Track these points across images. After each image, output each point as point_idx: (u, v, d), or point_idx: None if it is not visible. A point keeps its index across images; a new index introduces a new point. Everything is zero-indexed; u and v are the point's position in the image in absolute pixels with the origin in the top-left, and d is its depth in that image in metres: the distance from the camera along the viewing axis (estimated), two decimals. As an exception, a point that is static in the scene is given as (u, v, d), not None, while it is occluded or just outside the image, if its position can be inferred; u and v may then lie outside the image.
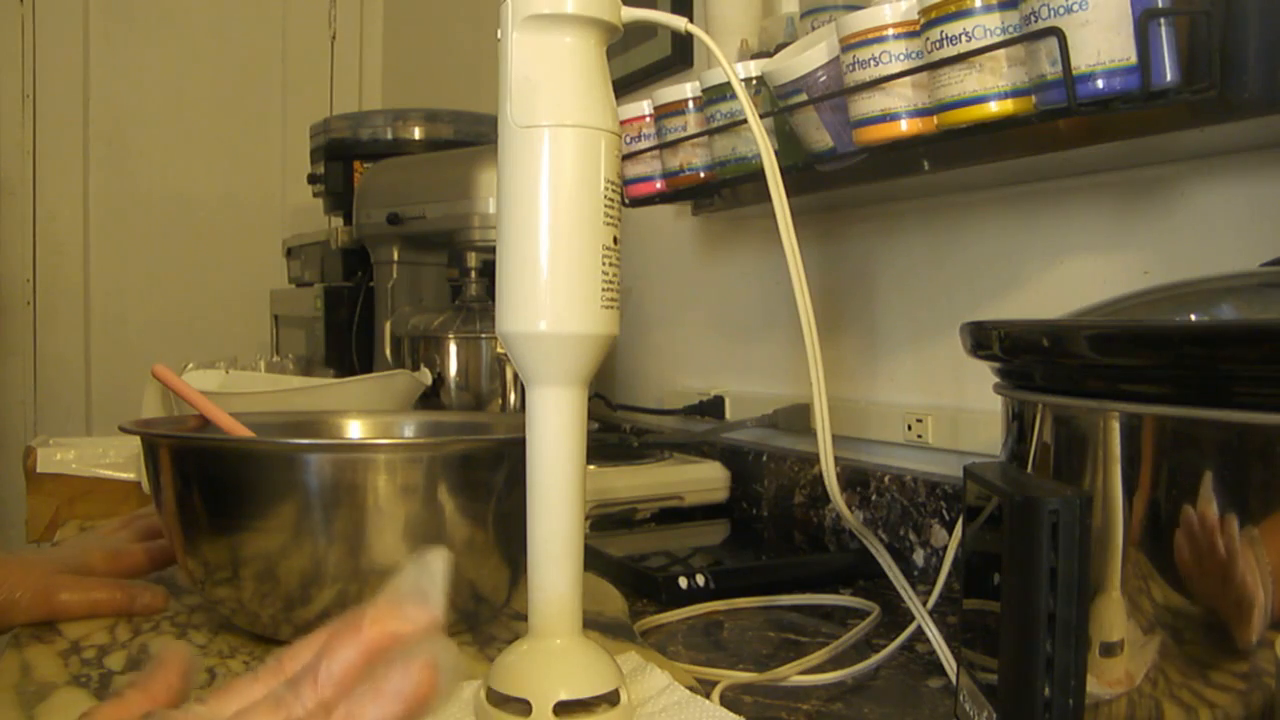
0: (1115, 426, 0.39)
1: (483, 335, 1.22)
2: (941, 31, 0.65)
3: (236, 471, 0.64)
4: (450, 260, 1.44)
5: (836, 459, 0.64)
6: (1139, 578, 0.38)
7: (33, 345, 2.31)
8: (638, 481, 1.05)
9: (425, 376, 1.14)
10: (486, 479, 0.65)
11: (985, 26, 0.64)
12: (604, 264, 0.51)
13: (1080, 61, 0.59)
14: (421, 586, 0.36)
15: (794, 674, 0.64)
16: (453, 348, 1.23)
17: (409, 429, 0.86)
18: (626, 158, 0.98)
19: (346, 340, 1.51)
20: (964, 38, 0.64)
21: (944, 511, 0.87)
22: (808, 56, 0.76)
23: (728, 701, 0.59)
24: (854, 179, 0.88)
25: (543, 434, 0.52)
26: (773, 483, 1.06)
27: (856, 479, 0.95)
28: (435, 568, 0.36)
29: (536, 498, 0.52)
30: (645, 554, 0.89)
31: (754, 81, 0.84)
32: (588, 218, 0.51)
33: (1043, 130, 0.70)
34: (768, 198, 0.58)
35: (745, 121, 0.66)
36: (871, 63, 0.70)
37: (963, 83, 0.65)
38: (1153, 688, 0.38)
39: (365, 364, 1.49)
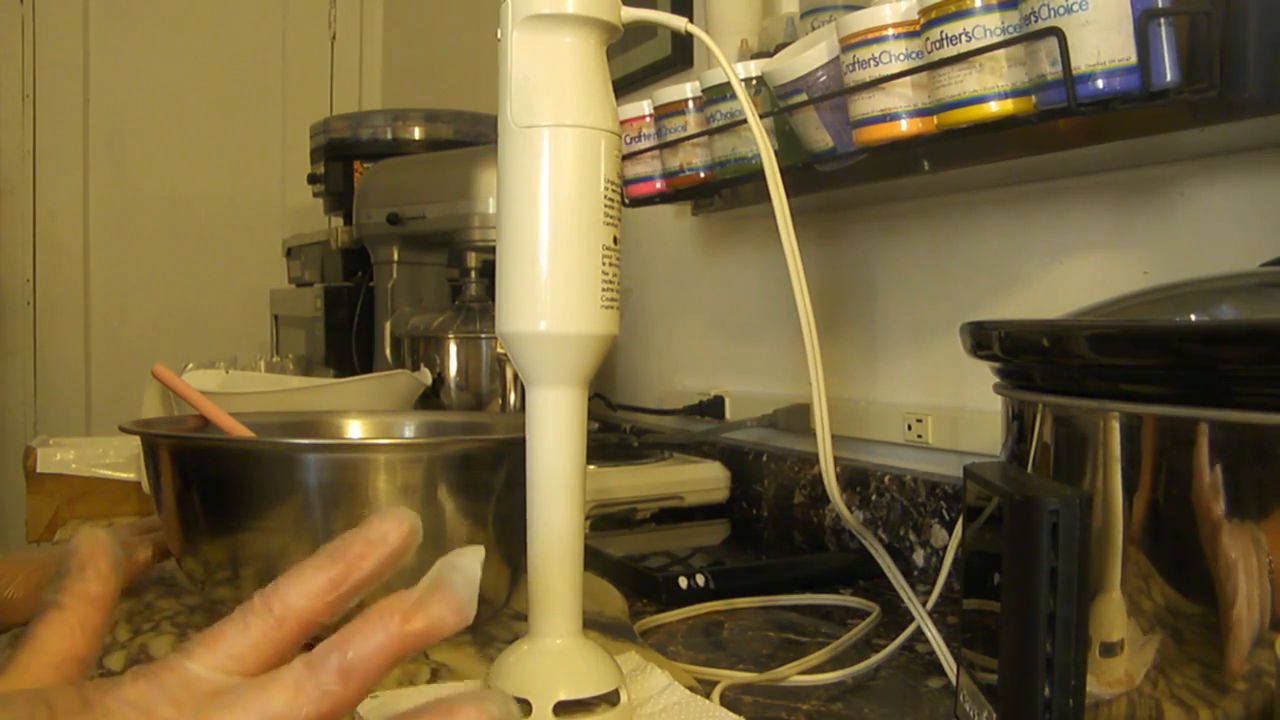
0: (1115, 426, 0.39)
1: (483, 335, 1.22)
2: (941, 31, 0.65)
3: (236, 471, 0.64)
4: (450, 260, 1.44)
5: (836, 459, 0.64)
6: (1139, 578, 0.38)
7: (33, 345, 2.31)
8: (638, 481, 1.05)
9: (425, 376, 1.14)
10: (486, 479, 0.65)
11: (985, 26, 0.64)
12: (604, 264, 0.51)
13: (1080, 61, 0.59)
14: (455, 585, 0.35)
15: (794, 674, 0.64)
16: (453, 348, 1.23)
17: (409, 429, 0.86)
18: (626, 158, 0.98)
19: (346, 340, 1.51)
20: (964, 38, 0.64)
21: (944, 511, 0.87)
22: (808, 56, 0.76)
23: (728, 701, 0.59)
24: (854, 179, 0.88)
25: (543, 434, 0.52)
26: (773, 483, 1.06)
27: (856, 479, 0.95)
28: (470, 568, 0.35)
29: (536, 498, 0.52)
30: (645, 554, 0.89)
31: (754, 81, 0.84)
32: (588, 218, 0.51)
33: (1043, 130, 0.70)
34: (768, 198, 0.58)
35: (745, 121, 0.66)
36: (871, 63, 0.70)
37: (963, 83, 0.65)
38: (1153, 688, 0.38)
39: (365, 364, 1.49)
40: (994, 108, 0.65)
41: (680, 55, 1.32)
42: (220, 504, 0.64)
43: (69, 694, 0.32)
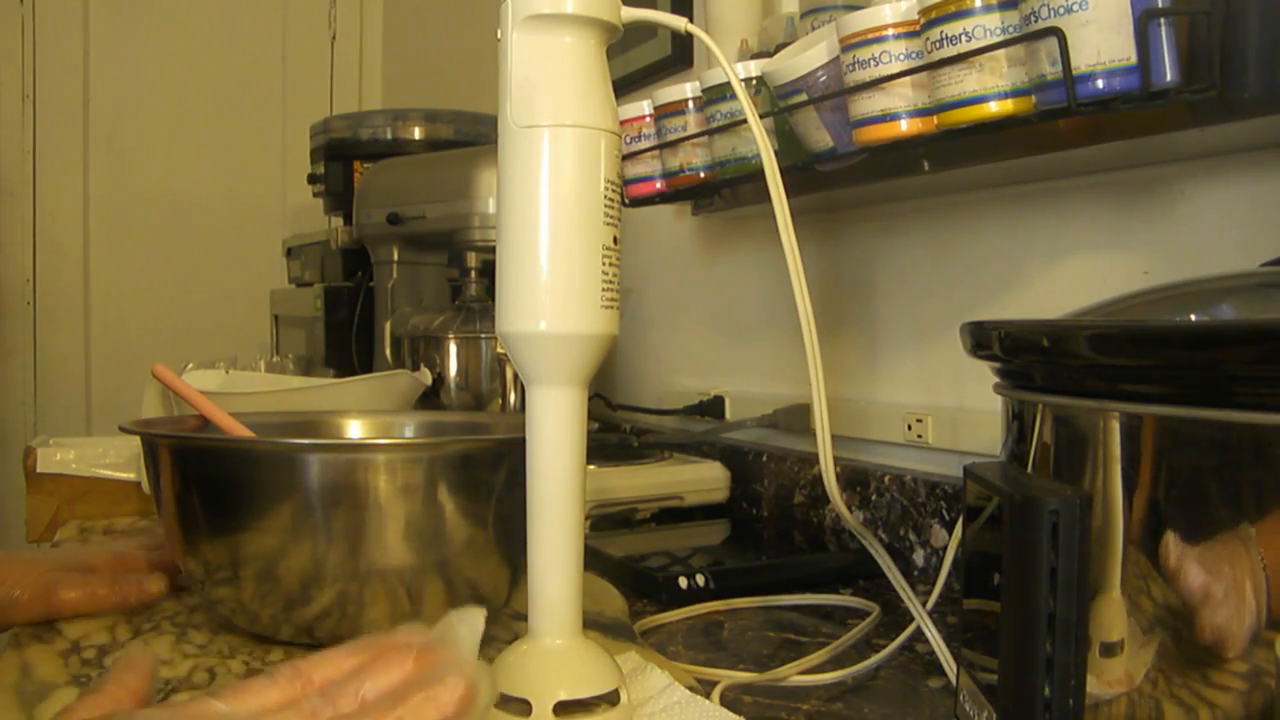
0: (1115, 426, 0.39)
1: (483, 335, 1.22)
2: (941, 31, 0.65)
3: (236, 471, 0.64)
4: (450, 260, 1.44)
5: (836, 459, 0.64)
6: (1139, 578, 0.38)
7: (33, 345, 2.31)
8: (638, 481, 1.05)
9: (425, 376, 1.14)
10: (486, 479, 0.65)
11: (985, 26, 0.64)
12: (604, 264, 0.51)
13: (1080, 61, 0.59)
14: (461, 637, 0.40)
15: (794, 674, 0.64)
16: (453, 348, 1.23)
17: (409, 429, 0.86)
18: (626, 158, 0.98)
19: (346, 340, 1.51)
20: (964, 38, 0.64)
21: (944, 511, 0.87)
22: (808, 56, 0.76)
23: (728, 701, 0.59)
24: (854, 179, 0.88)
25: (543, 434, 0.52)
26: (773, 483, 1.06)
27: (856, 479, 0.95)
28: (476, 624, 0.41)
29: (536, 498, 0.52)
30: (645, 554, 0.89)
31: (754, 81, 0.84)
32: (588, 218, 0.51)
33: (1043, 130, 0.70)
34: (768, 198, 0.58)
35: (745, 121, 0.65)
36: (871, 63, 0.70)
37: (963, 83, 0.65)
38: (1153, 688, 0.38)
39: (365, 364, 1.49)
40: (994, 108, 0.65)
41: (680, 55, 1.32)
42: (220, 504, 0.64)
43: None
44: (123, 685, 0.41)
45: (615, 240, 0.52)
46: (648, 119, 0.97)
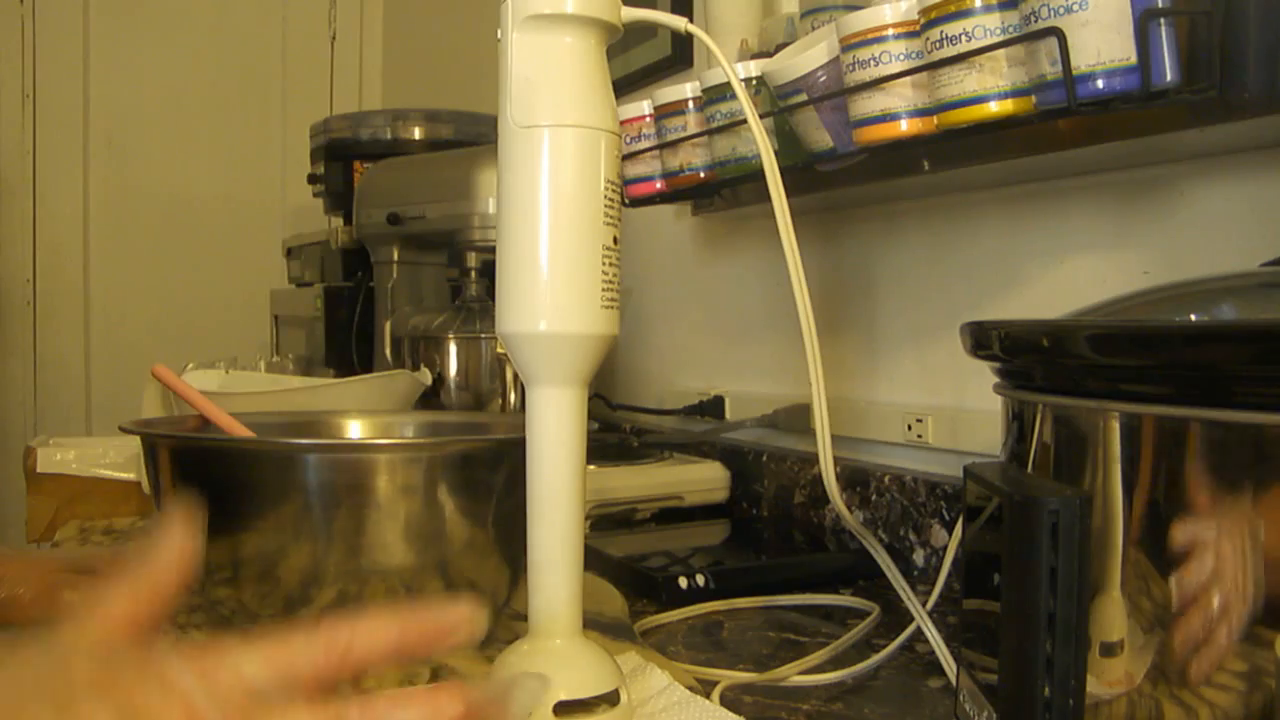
0: (1115, 426, 0.39)
1: (483, 335, 1.22)
2: (941, 31, 0.65)
3: (236, 471, 0.64)
4: (450, 260, 1.44)
5: (836, 459, 0.64)
6: (1139, 578, 0.38)
7: (33, 345, 2.31)
8: (638, 481, 1.05)
9: (425, 376, 1.14)
10: (486, 479, 0.65)
11: (985, 26, 0.64)
12: (604, 264, 0.51)
13: (1080, 61, 0.59)
14: (518, 704, 0.39)
15: (794, 674, 0.64)
16: (453, 348, 1.23)
17: (409, 429, 0.86)
18: (626, 158, 0.98)
19: (346, 340, 1.51)
20: (964, 38, 0.64)
21: (944, 511, 0.87)
22: (808, 56, 0.76)
23: (728, 701, 0.59)
24: (854, 179, 0.88)
25: (543, 434, 0.52)
26: (773, 483, 1.06)
27: (856, 479, 0.95)
28: (536, 693, 0.42)
29: (536, 498, 0.52)
30: (645, 554, 0.89)
31: (754, 81, 0.84)
32: (588, 218, 0.51)
33: (1043, 130, 0.70)
34: (768, 198, 0.58)
35: (745, 121, 0.65)
36: (871, 63, 0.70)
37: (963, 83, 0.65)
38: (1153, 688, 0.38)
39: (365, 364, 1.49)
40: (994, 108, 0.65)
41: (680, 55, 1.32)
42: (220, 504, 0.64)
43: (124, 665, 0.35)
44: (147, 581, 0.38)
45: (615, 240, 0.52)
46: (648, 119, 0.97)
